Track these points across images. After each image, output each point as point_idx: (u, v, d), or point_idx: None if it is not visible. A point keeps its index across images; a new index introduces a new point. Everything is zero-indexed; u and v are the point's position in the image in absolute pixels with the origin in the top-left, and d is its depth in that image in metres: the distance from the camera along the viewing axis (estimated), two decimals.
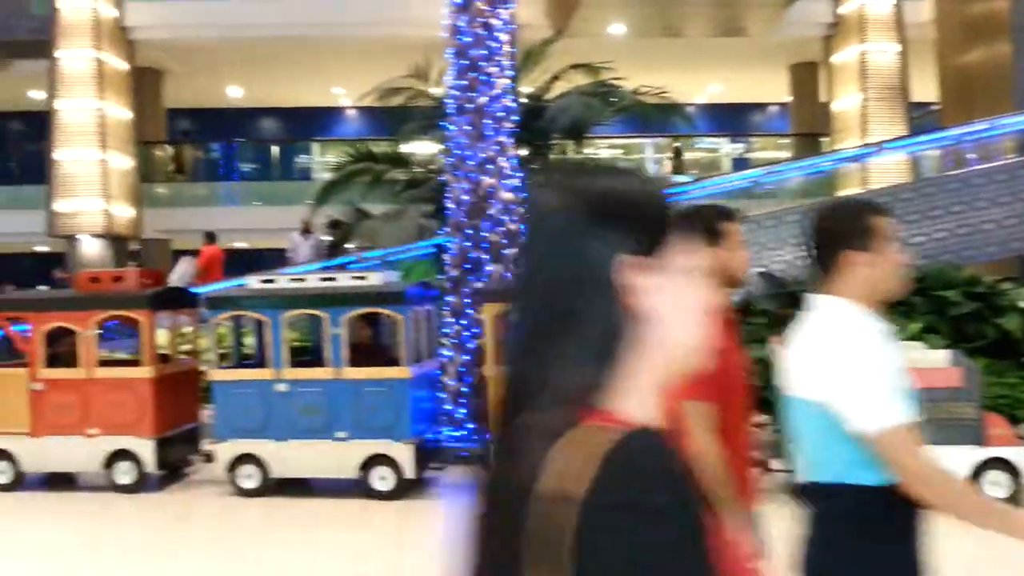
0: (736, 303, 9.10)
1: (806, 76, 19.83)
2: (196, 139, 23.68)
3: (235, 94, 23.42)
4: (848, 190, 15.65)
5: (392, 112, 11.23)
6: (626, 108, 10.16)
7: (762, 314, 9.98)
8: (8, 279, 16.88)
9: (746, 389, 2.65)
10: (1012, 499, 5.34)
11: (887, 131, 16.40)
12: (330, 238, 13.86)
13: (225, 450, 6.82)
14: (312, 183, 20.36)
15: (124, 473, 7.05)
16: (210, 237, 14.78)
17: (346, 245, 12.26)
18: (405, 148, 11.28)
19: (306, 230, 14.23)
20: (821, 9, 17.57)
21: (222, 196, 21.11)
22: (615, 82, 10.10)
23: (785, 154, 20.69)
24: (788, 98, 21.18)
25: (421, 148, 11.94)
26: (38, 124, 20.15)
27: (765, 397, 8.39)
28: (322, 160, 22.66)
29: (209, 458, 7.37)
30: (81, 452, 7.08)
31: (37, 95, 21.19)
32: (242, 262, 16.06)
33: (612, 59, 10.92)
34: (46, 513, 6.73)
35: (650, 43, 18.15)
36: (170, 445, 7.24)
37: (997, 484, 5.54)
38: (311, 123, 24.69)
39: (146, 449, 7.00)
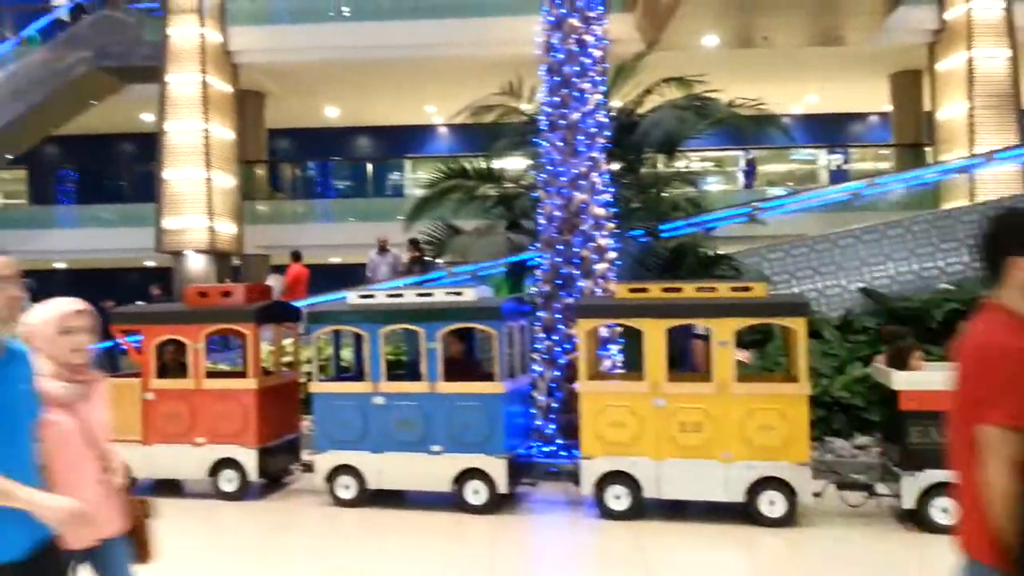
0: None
1: (908, 84, 19.13)
2: (294, 158, 24.48)
3: (332, 114, 24.13)
4: (954, 202, 15.01)
5: (483, 129, 11.35)
6: (720, 120, 10.01)
7: (863, 332, 9.66)
8: (118, 293, 17.79)
9: None
10: None
11: (996, 140, 15.66)
12: (409, 256, 14.16)
13: (324, 461, 7.00)
14: (404, 200, 20.79)
15: (228, 481, 7.32)
16: (296, 256, 15.28)
17: (437, 261, 12.43)
18: (496, 164, 11.38)
19: (383, 248, 14.55)
20: (925, 15, 16.93)
21: (318, 213, 21.74)
22: (709, 95, 9.97)
23: (885, 165, 20.01)
24: (888, 107, 20.48)
25: (512, 164, 12.04)
26: (148, 145, 21.23)
27: (866, 418, 8.01)
28: (413, 177, 23.11)
29: (308, 468, 7.57)
30: (188, 460, 7.39)
31: (147, 118, 22.33)
32: (336, 277, 16.45)
33: (705, 71, 10.78)
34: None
35: (744, 54, 17.86)
36: (272, 455, 7.48)
37: None
38: (403, 141, 25.21)
39: (249, 458, 7.25)
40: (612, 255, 7.81)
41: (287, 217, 21.41)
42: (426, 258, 12.74)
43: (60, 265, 25.37)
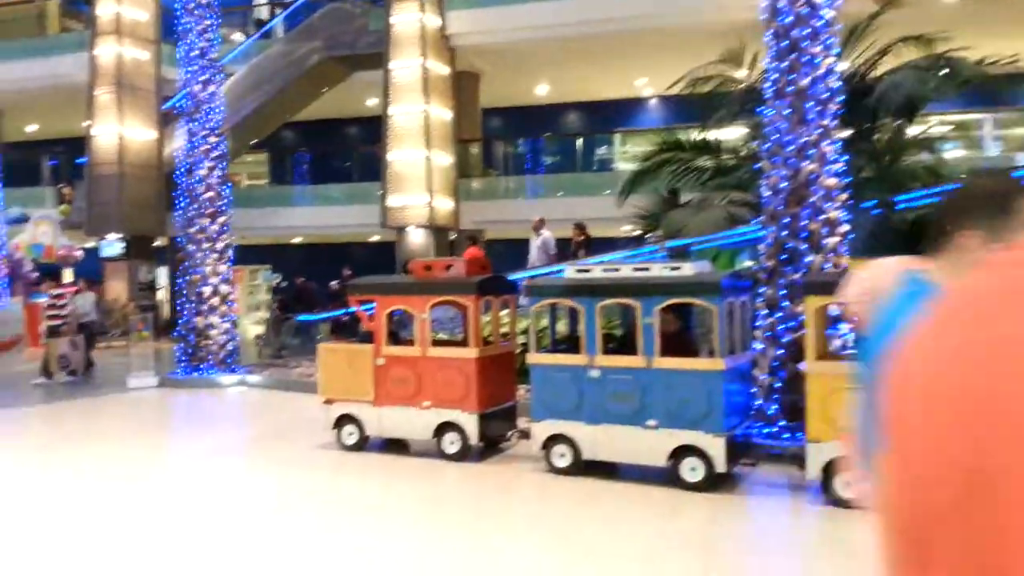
0: None
1: None
2: (505, 136, 25.10)
3: (542, 91, 24.47)
4: None
5: (698, 99, 11.04)
6: (967, 81, 9.09)
7: None
8: (347, 264, 19.19)
9: None
10: None
11: None
12: (579, 238, 14.12)
13: (540, 429, 7.16)
14: (612, 174, 20.74)
15: (451, 443, 7.69)
16: (472, 240, 15.69)
17: (646, 236, 12.30)
18: (711, 135, 11.03)
19: (536, 229, 14.58)
20: None
21: (528, 189, 22.18)
22: (953, 53, 9.08)
23: None
24: None
25: (727, 135, 11.62)
26: (372, 128, 22.57)
27: None
28: (622, 151, 22.96)
29: (525, 435, 7.78)
30: (414, 422, 7.84)
31: (371, 102, 23.74)
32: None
33: (947, 28, 9.85)
34: (383, 473, 7.53)
35: (989, 5, 16.09)
36: (490, 420, 7.77)
37: None
38: (612, 115, 25.10)
39: (470, 423, 7.58)
40: (844, 228, 7.33)
41: (499, 193, 22.03)
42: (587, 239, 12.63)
43: (296, 240, 27.71)
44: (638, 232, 11.81)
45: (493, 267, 8.69)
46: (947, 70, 8.92)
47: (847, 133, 8.57)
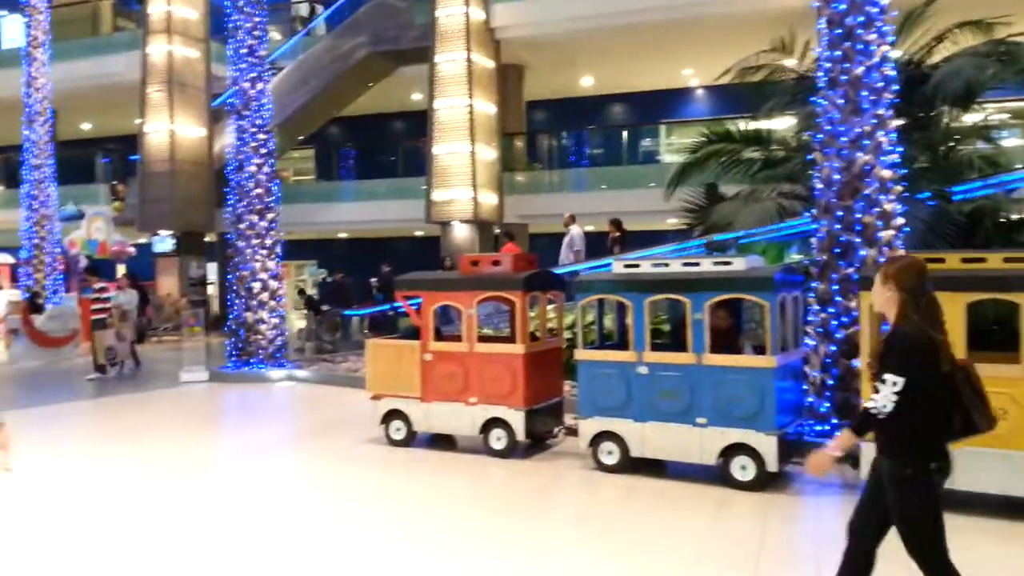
0: None
1: None
2: (550, 129, 24.99)
3: (586, 83, 24.30)
4: None
5: (746, 89, 10.83)
6: None
7: None
8: (389, 261, 19.28)
9: None
10: None
11: None
12: (615, 234, 13.98)
13: (587, 426, 7.11)
14: (658, 166, 20.52)
15: (497, 439, 7.68)
16: (509, 236, 15.64)
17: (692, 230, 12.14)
18: (759, 126, 10.82)
19: (566, 224, 14.49)
20: None
21: (573, 182, 22.06)
22: (1016, 38, 8.77)
23: None
24: None
25: (776, 125, 11.40)
26: (416, 122, 22.65)
27: None
28: (667, 142, 22.71)
29: (572, 431, 7.72)
30: (461, 417, 7.84)
31: (416, 97, 23.81)
32: (589, 244, 16.57)
33: (1008, 12, 9.52)
34: (429, 468, 7.54)
35: None
36: (537, 417, 7.74)
37: None
38: (657, 106, 24.84)
39: (517, 419, 7.55)
40: (899, 221, 7.13)
41: (544, 186, 21.95)
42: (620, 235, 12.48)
43: (342, 235, 27.97)
44: (682, 226, 11.65)
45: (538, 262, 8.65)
46: (1007, 56, 8.62)
47: (901, 122, 8.33)
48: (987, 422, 3.49)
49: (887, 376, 3.29)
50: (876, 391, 3.34)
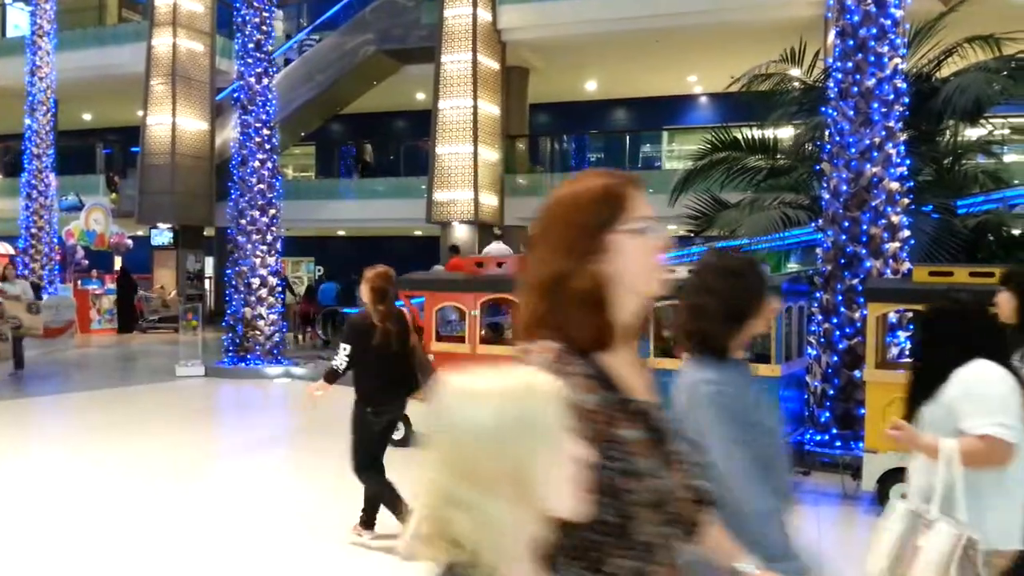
0: None
1: None
2: (552, 132, 24.99)
3: (590, 87, 24.30)
4: None
5: (752, 98, 10.83)
6: None
7: None
8: (387, 260, 19.21)
9: None
10: None
11: None
12: None
13: None
14: (659, 172, 20.54)
15: None
16: (455, 250, 15.53)
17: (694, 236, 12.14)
18: (765, 134, 10.82)
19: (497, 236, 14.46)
20: None
21: None
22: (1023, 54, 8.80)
23: None
24: None
25: (781, 134, 11.40)
26: (418, 122, 22.62)
27: None
28: (669, 149, 22.72)
29: None
30: None
31: (420, 96, 23.79)
32: None
33: (1015, 29, 9.54)
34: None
35: None
36: None
37: None
38: (660, 112, 24.84)
39: None
40: (905, 234, 7.14)
41: (545, 189, 21.89)
42: None
43: (341, 233, 27.92)
44: (682, 232, 11.65)
45: None
46: (1017, 72, 8.64)
47: (908, 135, 8.36)
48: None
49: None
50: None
